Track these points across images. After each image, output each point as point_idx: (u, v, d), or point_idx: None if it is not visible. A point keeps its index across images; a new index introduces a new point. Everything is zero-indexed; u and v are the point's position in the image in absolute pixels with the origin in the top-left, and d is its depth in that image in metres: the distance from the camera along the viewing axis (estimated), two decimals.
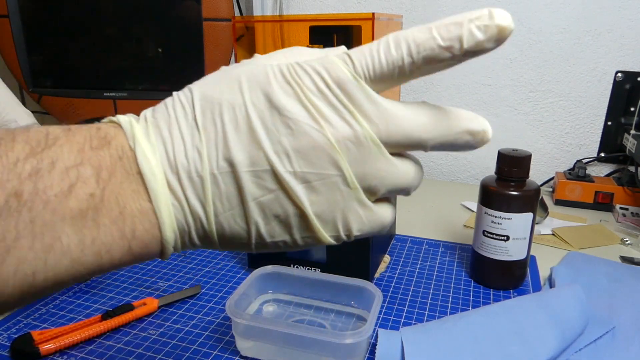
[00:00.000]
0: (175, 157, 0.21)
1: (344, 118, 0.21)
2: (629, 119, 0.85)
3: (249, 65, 0.22)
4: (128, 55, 0.99)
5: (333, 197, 0.22)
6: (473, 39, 0.21)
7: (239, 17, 0.83)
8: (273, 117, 0.21)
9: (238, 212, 0.22)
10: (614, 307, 0.50)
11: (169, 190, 0.21)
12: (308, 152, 0.21)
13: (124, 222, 0.20)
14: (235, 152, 0.21)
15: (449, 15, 0.22)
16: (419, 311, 0.51)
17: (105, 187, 0.20)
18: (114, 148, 0.20)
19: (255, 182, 0.21)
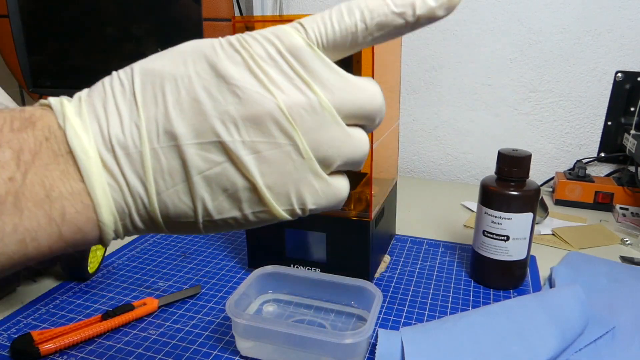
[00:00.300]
0: (110, 133, 0.19)
1: (296, 86, 0.20)
2: (629, 119, 0.86)
3: (195, 40, 0.22)
4: (128, 55, 0.99)
5: (286, 168, 0.20)
6: (425, 6, 0.20)
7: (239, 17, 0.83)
8: (219, 86, 0.20)
9: (182, 189, 0.20)
10: (614, 307, 0.50)
11: (103, 168, 0.19)
12: (258, 121, 0.20)
13: (51, 206, 0.19)
14: (177, 124, 0.20)
15: (448, 15, 0.22)
16: (419, 311, 0.51)
17: (27, 169, 0.18)
18: (40, 129, 0.19)
19: (201, 155, 0.20)
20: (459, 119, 0.96)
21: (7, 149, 0.18)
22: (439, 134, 0.99)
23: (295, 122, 0.20)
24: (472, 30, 0.90)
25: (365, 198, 0.55)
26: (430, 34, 0.93)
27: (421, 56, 0.95)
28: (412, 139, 1.01)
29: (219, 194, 0.21)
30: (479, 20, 0.89)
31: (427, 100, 0.97)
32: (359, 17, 0.20)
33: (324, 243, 0.54)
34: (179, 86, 0.20)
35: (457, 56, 0.93)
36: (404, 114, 1.00)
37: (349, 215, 0.53)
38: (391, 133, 0.62)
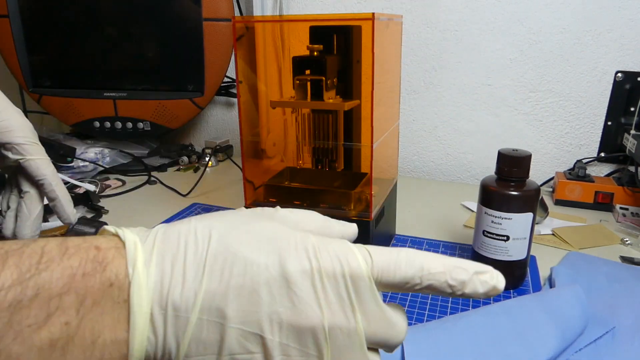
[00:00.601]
0: (169, 293, 0.21)
1: (344, 309, 0.22)
2: (629, 119, 0.86)
3: (279, 228, 0.23)
4: (128, 55, 1.00)
5: None
6: (474, 289, 0.23)
7: (239, 17, 0.83)
8: (281, 287, 0.21)
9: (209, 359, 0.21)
10: (614, 307, 0.50)
11: (150, 323, 0.20)
12: (300, 330, 0.21)
13: (92, 352, 0.20)
14: (232, 306, 0.21)
15: (449, 15, 0.22)
16: (419, 311, 0.51)
17: (85, 315, 0.19)
18: (108, 274, 0.20)
19: (239, 340, 0.21)
20: (459, 119, 0.96)
21: (73, 294, 0.19)
22: (439, 134, 0.99)
23: (330, 340, 0.22)
24: (472, 30, 0.90)
25: (365, 198, 0.55)
26: (430, 34, 0.93)
27: (421, 56, 0.95)
28: (412, 139, 1.01)
29: None
30: (479, 20, 0.89)
31: (427, 100, 0.97)
32: (418, 273, 0.23)
33: None
34: (247, 272, 0.21)
35: (457, 56, 0.93)
36: (404, 114, 1.00)
37: (349, 215, 0.53)
38: (391, 133, 0.62)
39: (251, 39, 0.56)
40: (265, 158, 0.62)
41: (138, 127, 1.01)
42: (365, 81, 0.55)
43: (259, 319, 0.21)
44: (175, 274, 0.21)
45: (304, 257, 0.22)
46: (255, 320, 0.21)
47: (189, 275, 0.21)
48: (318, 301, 0.21)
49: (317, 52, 0.55)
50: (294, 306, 0.21)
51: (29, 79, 1.04)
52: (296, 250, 0.22)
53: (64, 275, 0.19)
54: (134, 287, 0.20)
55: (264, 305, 0.21)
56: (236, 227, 0.23)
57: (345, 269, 0.22)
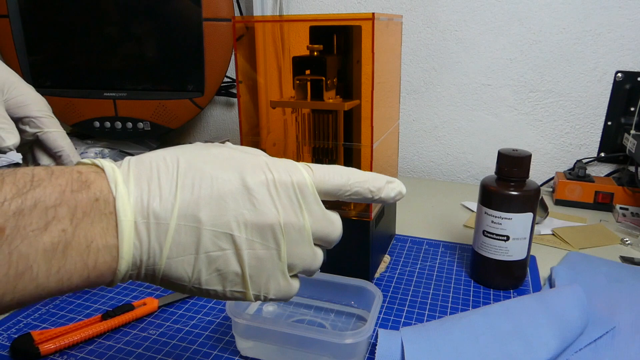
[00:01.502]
0: (149, 205, 0.24)
1: (294, 210, 0.27)
2: (629, 119, 0.86)
3: (233, 151, 0.28)
4: (128, 55, 0.99)
5: (266, 265, 0.27)
6: (387, 193, 0.30)
7: (239, 17, 0.83)
8: (243, 194, 0.26)
9: (188, 260, 0.25)
10: (614, 307, 0.50)
11: (135, 230, 0.24)
12: (261, 227, 0.26)
13: (88, 255, 0.23)
14: (204, 212, 0.25)
15: (448, 15, 0.22)
16: (419, 311, 0.51)
17: (77, 224, 0.23)
18: (93, 190, 0.23)
19: (213, 239, 0.25)
20: (459, 119, 0.96)
21: (65, 207, 0.22)
22: (439, 134, 0.99)
23: (285, 234, 0.27)
24: (472, 30, 0.90)
25: None
26: (430, 34, 0.93)
27: (421, 56, 0.95)
28: (412, 139, 1.01)
29: (212, 270, 0.26)
30: (479, 20, 0.89)
31: (427, 100, 0.97)
32: (347, 182, 0.29)
33: None
34: (213, 184, 0.26)
35: (457, 56, 0.93)
36: (404, 114, 1.00)
37: (349, 215, 0.53)
38: (391, 133, 0.62)
39: (251, 39, 0.56)
40: None
41: (138, 127, 1.01)
42: (365, 81, 0.55)
43: (227, 220, 0.25)
44: (152, 189, 0.25)
45: (259, 172, 0.27)
46: (225, 222, 0.25)
47: (164, 190, 0.25)
48: (274, 204, 0.27)
49: (317, 52, 0.55)
50: (256, 208, 0.26)
51: (29, 79, 1.04)
52: (252, 167, 0.27)
53: (55, 191, 0.22)
54: (118, 201, 0.23)
55: (230, 210, 0.25)
56: (199, 153, 0.27)
57: (294, 179, 0.27)
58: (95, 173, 0.24)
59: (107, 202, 0.23)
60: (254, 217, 0.26)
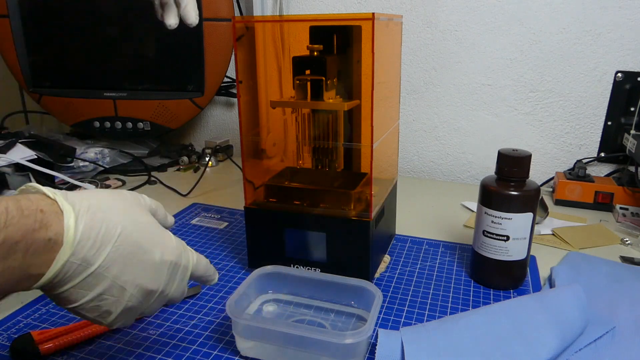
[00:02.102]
0: (85, 254, 0.31)
1: (172, 284, 0.38)
2: (629, 119, 0.86)
3: (155, 223, 0.37)
4: (128, 55, 0.99)
5: (131, 312, 0.36)
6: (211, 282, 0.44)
7: (239, 17, 0.83)
8: (151, 267, 0.35)
9: (83, 293, 0.32)
10: (614, 307, 0.50)
11: (63, 267, 0.30)
12: (148, 291, 0.35)
13: (23, 278, 0.29)
14: (117, 269, 0.33)
15: (448, 15, 0.22)
16: (419, 311, 0.51)
17: (28, 257, 0.29)
18: (49, 233, 0.30)
19: (110, 288, 0.33)
20: (459, 119, 0.96)
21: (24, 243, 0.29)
22: (439, 134, 0.99)
23: (157, 298, 0.37)
24: (472, 30, 0.90)
25: (365, 198, 0.55)
26: (430, 34, 0.93)
27: (421, 56, 0.95)
28: (412, 139, 1.01)
29: (95, 305, 0.33)
30: (479, 20, 0.89)
31: (427, 100, 0.97)
32: (204, 273, 0.41)
33: (324, 243, 0.54)
34: (136, 254, 0.34)
35: (457, 56, 0.93)
36: (404, 114, 1.00)
37: (349, 215, 0.53)
38: (391, 133, 0.62)
39: (251, 39, 0.56)
40: (265, 158, 0.62)
41: (138, 127, 1.01)
42: (365, 81, 0.55)
43: (128, 280, 0.33)
44: (93, 245, 0.31)
45: (171, 255, 0.36)
46: (125, 280, 0.33)
47: (100, 247, 0.31)
48: (166, 279, 0.36)
49: (317, 52, 0.55)
50: (153, 279, 0.35)
51: (29, 79, 1.04)
52: (168, 248, 0.36)
53: (20, 230, 0.28)
54: (64, 246, 0.30)
55: (135, 273, 0.33)
56: (134, 222, 0.34)
57: (185, 264, 0.38)
58: (55, 215, 0.30)
59: (56, 244, 0.30)
60: (148, 284, 0.34)
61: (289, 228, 0.55)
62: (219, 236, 0.70)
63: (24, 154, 0.76)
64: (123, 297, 0.33)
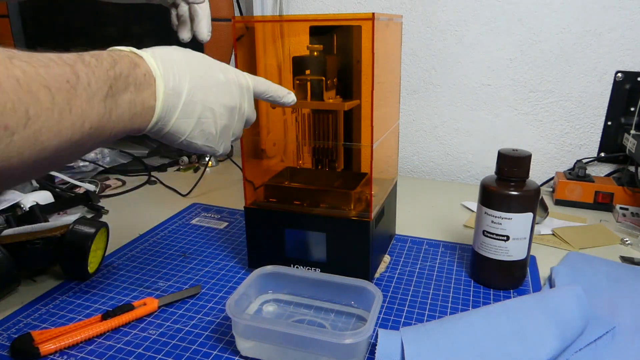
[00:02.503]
0: (172, 84, 0.37)
1: (243, 101, 0.44)
2: (629, 119, 0.86)
3: (221, 63, 0.43)
4: None
5: (226, 131, 0.43)
6: (285, 100, 0.48)
7: (239, 17, 0.83)
8: (224, 86, 0.41)
9: (188, 122, 0.39)
10: (614, 307, 0.50)
11: (165, 97, 0.37)
12: (230, 107, 0.42)
13: (142, 109, 0.36)
14: (200, 94, 0.39)
15: (448, 15, 0.22)
16: (419, 311, 0.51)
17: (138, 89, 0.35)
18: (142, 70, 0.36)
19: (203, 110, 0.40)
20: (459, 119, 0.96)
21: (132, 77, 0.35)
22: (439, 134, 0.99)
23: (237, 114, 0.43)
24: (472, 30, 0.90)
25: (365, 198, 0.55)
26: (430, 34, 0.93)
27: (421, 56, 0.95)
28: (412, 139, 1.01)
29: (200, 130, 0.40)
30: (479, 20, 0.89)
31: (427, 100, 0.97)
32: (267, 89, 0.46)
33: (324, 243, 0.54)
34: (208, 76, 0.40)
35: (457, 56, 0.93)
36: (404, 114, 1.00)
37: (349, 215, 0.53)
38: (391, 133, 0.62)
39: (251, 39, 0.56)
40: (265, 158, 0.62)
41: None
42: (365, 81, 0.55)
43: (212, 100, 0.40)
44: (173, 76, 0.38)
45: (232, 74, 0.42)
46: (211, 101, 0.40)
47: (180, 78, 0.38)
48: (239, 95, 0.43)
49: (317, 52, 0.55)
50: (230, 96, 0.41)
51: None
52: (227, 69, 0.42)
53: (125, 67, 0.34)
54: (157, 78, 0.37)
55: (215, 94, 0.40)
56: (194, 56, 0.41)
57: (244, 82, 0.44)
58: (139, 58, 0.36)
59: (151, 77, 0.36)
60: (227, 101, 0.41)
61: (289, 228, 0.55)
62: (219, 236, 0.70)
63: None
64: (216, 116, 0.40)
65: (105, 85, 0.32)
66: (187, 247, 0.66)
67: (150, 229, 0.72)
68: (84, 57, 0.31)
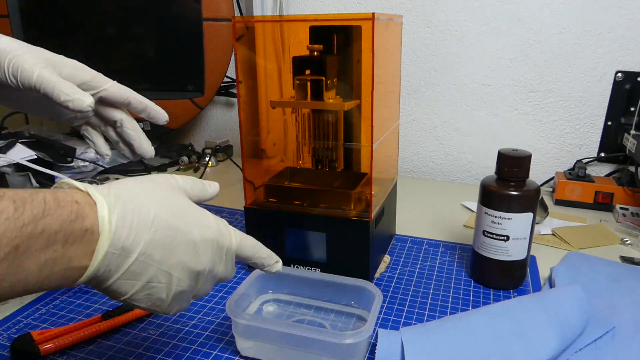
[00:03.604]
0: (123, 242, 0.30)
1: (218, 263, 0.36)
2: (629, 119, 0.85)
3: (188, 203, 0.36)
4: (128, 55, 0.99)
5: (183, 296, 0.35)
6: (270, 269, 0.41)
7: (239, 17, 0.83)
8: (191, 247, 0.34)
9: (132, 283, 0.32)
10: (614, 307, 0.50)
11: (104, 258, 0.30)
12: (193, 272, 0.35)
13: (66, 270, 0.29)
14: (158, 254, 0.32)
15: (448, 15, 0.22)
16: (419, 311, 0.51)
17: (67, 247, 0.29)
18: (85, 224, 0.29)
19: (156, 274, 0.32)
20: (459, 119, 0.96)
21: (62, 233, 0.28)
22: (439, 134, 0.99)
23: (205, 278, 0.36)
24: (472, 30, 0.90)
25: (365, 198, 0.55)
26: (430, 34, 0.93)
27: (421, 56, 0.95)
28: (412, 139, 1.01)
29: (145, 294, 0.33)
30: (479, 20, 0.89)
31: (427, 100, 0.97)
32: (254, 254, 0.39)
33: (324, 243, 0.54)
34: (174, 236, 0.33)
35: (457, 56, 0.93)
36: (404, 114, 1.00)
37: (349, 215, 0.53)
38: (391, 133, 0.62)
39: (251, 39, 0.56)
40: (265, 158, 0.62)
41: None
42: (365, 81, 0.55)
43: (173, 263, 0.33)
44: (129, 232, 0.31)
45: (209, 232, 0.35)
46: (170, 264, 0.33)
47: (137, 234, 0.31)
48: (209, 258, 0.35)
49: (317, 52, 0.55)
50: (197, 259, 0.34)
51: None
52: (204, 225, 0.35)
53: (58, 220, 0.28)
54: (102, 236, 0.30)
55: (178, 256, 0.33)
56: (167, 205, 0.33)
57: (227, 243, 0.36)
58: (89, 206, 0.30)
59: (93, 234, 0.30)
60: (193, 265, 0.34)
61: (289, 228, 0.55)
62: None
63: (24, 154, 0.76)
64: (171, 282, 0.33)
65: (9, 245, 0.26)
66: None
67: None
68: (5, 204, 0.26)
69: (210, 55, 0.94)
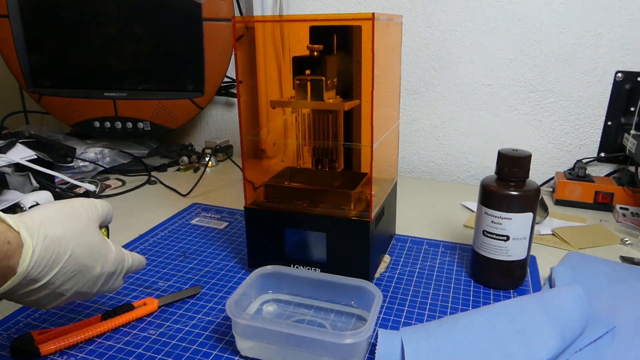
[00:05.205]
0: (36, 277, 0.36)
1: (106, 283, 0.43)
2: (629, 119, 0.85)
3: (101, 241, 0.41)
4: (128, 55, 0.99)
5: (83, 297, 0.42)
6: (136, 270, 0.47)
7: (239, 17, 0.83)
8: (92, 278, 0.41)
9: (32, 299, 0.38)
10: (614, 307, 0.50)
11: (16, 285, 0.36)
12: (84, 294, 0.42)
13: None
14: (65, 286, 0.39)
15: (448, 15, 0.22)
16: (419, 311, 0.51)
17: None
18: (11, 262, 0.35)
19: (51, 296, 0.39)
20: (459, 119, 0.96)
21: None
22: (439, 134, 0.99)
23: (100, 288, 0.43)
24: (472, 30, 0.90)
25: (365, 198, 0.55)
26: (430, 34, 0.93)
27: (421, 56, 0.95)
28: (412, 139, 1.01)
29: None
30: (478, 20, 0.89)
31: (427, 100, 0.97)
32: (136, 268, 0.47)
33: (324, 243, 0.54)
34: (82, 271, 0.40)
35: (457, 56, 0.93)
36: (404, 114, 1.00)
37: (349, 215, 0.53)
38: (391, 133, 0.62)
39: (251, 39, 0.56)
40: (265, 158, 0.62)
41: (138, 127, 1.01)
42: (365, 81, 0.55)
43: (66, 288, 0.38)
44: (44, 268, 0.36)
45: (112, 267, 0.42)
46: (65, 289, 0.38)
47: (51, 268, 0.37)
48: (101, 284, 0.42)
49: (317, 52, 0.55)
50: (90, 287, 0.41)
51: (29, 79, 1.04)
52: (110, 262, 0.42)
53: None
54: (17, 274, 0.35)
55: (74, 285, 0.39)
56: (82, 241, 0.39)
57: (119, 269, 0.43)
58: (18, 247, 0.35)
59: (13, 271, 0.35)
60: (85, 290, 0.40)
61: (289, 228, 0.55)
62: (219, 236, 0.70)
63: (24, 154, 0.76)
64: (60, 299, 0.39)
65: None
66: (187, 247, 0.66)
67: (150, 229, 0.72)
68: None
69: (210, 55, 0.94)
